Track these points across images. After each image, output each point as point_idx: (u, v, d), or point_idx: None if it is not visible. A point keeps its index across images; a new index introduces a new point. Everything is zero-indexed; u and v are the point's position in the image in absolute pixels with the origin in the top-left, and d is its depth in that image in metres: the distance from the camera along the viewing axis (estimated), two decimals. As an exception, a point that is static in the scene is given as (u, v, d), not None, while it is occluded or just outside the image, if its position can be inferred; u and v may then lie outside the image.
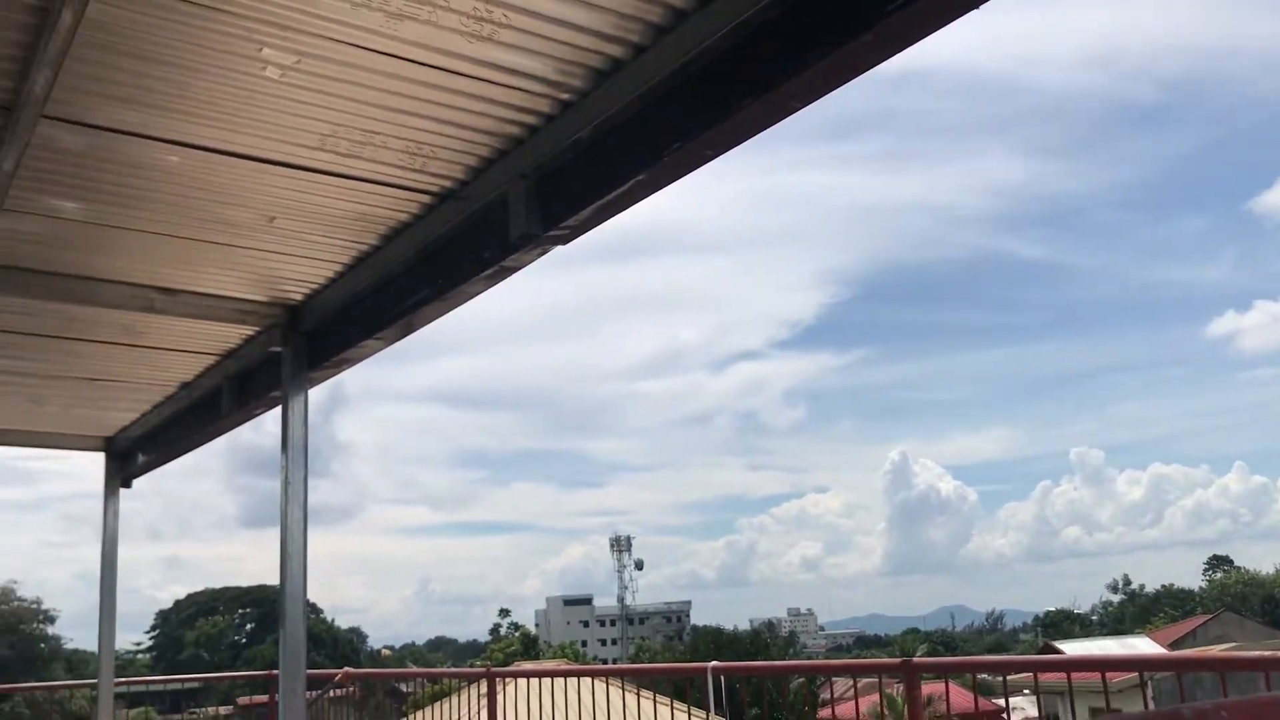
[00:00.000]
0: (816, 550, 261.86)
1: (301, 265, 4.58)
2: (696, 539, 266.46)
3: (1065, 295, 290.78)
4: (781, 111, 2.79)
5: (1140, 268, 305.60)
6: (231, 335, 5.55)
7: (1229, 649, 28.58)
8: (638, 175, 3.14)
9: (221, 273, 4.68)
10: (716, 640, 46.05)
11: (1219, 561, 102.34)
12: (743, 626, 66.91)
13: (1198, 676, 5.73)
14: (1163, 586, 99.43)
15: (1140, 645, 43.46)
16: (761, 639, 52.40)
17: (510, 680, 8.83)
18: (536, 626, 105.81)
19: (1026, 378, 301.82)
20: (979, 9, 2.34)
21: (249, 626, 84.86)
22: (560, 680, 8.15)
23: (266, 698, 10.71)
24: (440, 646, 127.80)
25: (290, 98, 3.22)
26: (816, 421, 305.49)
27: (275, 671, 5.61)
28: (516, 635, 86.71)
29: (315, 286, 4.83)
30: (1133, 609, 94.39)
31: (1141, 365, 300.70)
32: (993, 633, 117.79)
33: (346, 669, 10.00)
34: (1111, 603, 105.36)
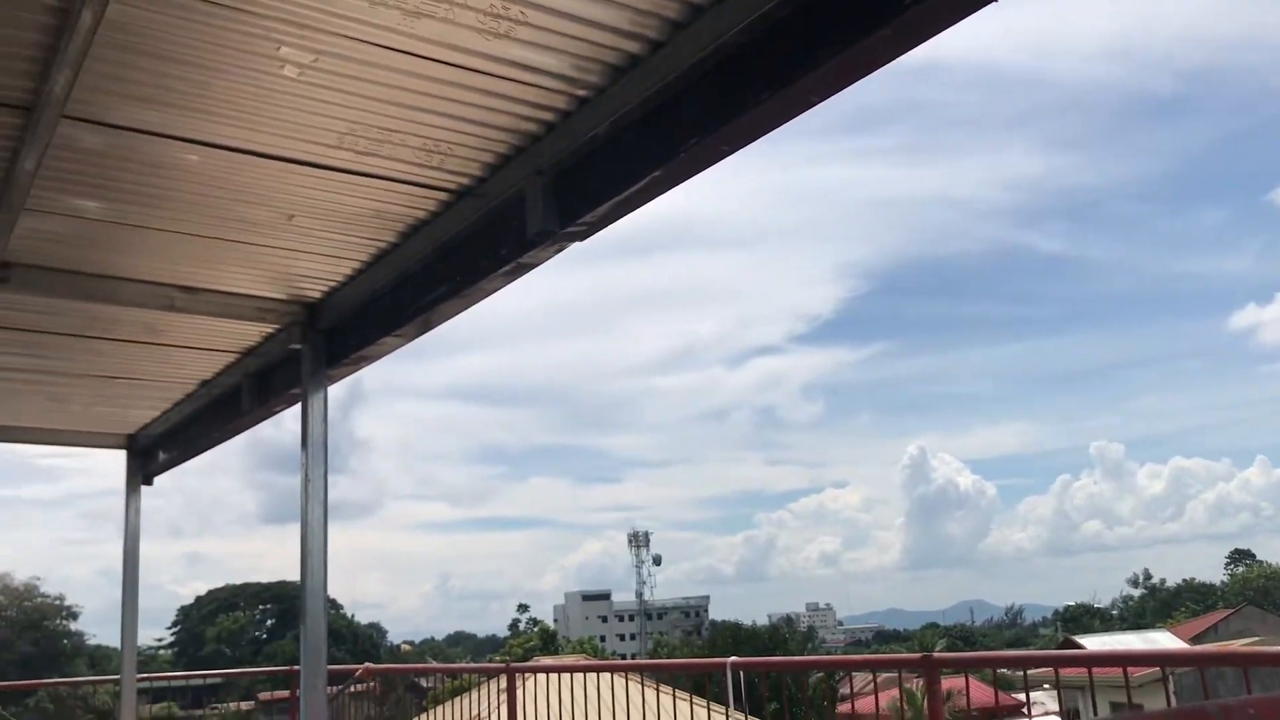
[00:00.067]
0: (835, 545, 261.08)
1: (320, 263, 4.60)
2: (714, 534, 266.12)
3: (1084, 288, 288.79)
4: (799, 106, 2.78)
5: (1160, 260, 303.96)
6: (251, 333, 5.59)
7: (1251, 644, 28.41)
8: (655, 171, 3.13)
9: (241, 271, 4.70)
10: (735, 635, 46.15)
11: (1240, 555, 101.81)
12: (761, 621, 66.76)
13: (1219, 672, 5.68)
14: (1184, 581, 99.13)
15: (1161, 640, 43.29)
16: (780, 634, 52.46)
17: (530, 675, 8.83)
18: (555, 622, 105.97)
19: (1046, 371, 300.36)
20: (995, 2, 2.33)
21: (270, 622, 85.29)
22: (579, 675, 8.14)
23: (288, 693, 10.80)
24: (459, 642, 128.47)
25: (308, 96, 3.23)
26: (835, 416, 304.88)
27: (296, 667, 5.66)
28: (535, 630, 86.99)
29: (334, 284, 4.85)
30: (1153, 603, 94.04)
31: (1161, 358, 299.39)
32: (1012, 627, 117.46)
33: (367, 664, 10.06)
34: (1132, 597, 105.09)
